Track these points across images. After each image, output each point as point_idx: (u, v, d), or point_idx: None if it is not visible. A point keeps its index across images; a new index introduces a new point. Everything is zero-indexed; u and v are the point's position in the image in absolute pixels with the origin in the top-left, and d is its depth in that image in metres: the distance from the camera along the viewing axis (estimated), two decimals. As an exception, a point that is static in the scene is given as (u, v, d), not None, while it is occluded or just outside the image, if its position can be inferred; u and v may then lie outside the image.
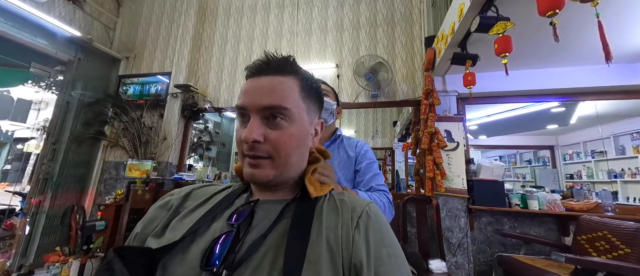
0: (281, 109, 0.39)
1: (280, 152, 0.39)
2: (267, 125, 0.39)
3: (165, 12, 3.18)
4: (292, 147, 0.40)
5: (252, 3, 3.04)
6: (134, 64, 3.11)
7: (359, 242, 0.35)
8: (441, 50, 1.90)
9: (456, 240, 2.01)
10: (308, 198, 0.41)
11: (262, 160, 0.39)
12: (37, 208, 2.51)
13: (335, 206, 0.40)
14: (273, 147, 0.39)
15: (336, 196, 0.42)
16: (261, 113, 0.39)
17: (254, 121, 0.39)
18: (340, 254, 0.34)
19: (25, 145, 4.08)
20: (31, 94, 3.34)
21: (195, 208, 0.42)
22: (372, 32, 2.66)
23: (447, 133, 2.18)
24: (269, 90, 0.40)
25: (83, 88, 2.79)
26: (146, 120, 2.78)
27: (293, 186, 0.44)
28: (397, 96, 2.46)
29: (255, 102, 0.39)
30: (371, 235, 0.36)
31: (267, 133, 0.39)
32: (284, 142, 0.39)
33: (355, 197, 0.42)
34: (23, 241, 2.42)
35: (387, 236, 0.38)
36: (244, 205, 0.41)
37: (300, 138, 0.42)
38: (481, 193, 2.06)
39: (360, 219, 0.37)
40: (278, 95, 0.39)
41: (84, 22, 2.84)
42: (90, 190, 2.82)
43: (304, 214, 0.38)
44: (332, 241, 0.35)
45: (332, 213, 0.39)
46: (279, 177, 0.40)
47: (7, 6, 2.23)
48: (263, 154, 0.39)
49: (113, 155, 2.87)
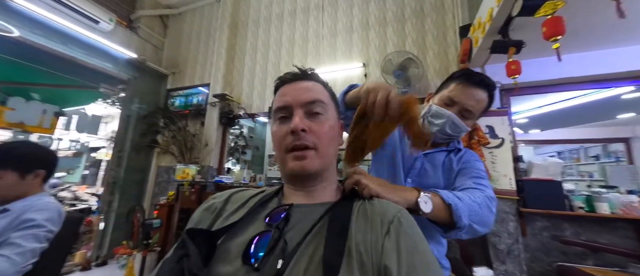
0: (320, 102, 0.45)
1: (322, 141, 0.44)
2: (308, 119, 0.44)
3: (203, 29, 3.48)
4: (330, 137, 0.45)
5: (278, 11, 3.16)
6: (179, 78, 3.47)
7: (389, 249, 0.35)
8: (478, 39, 1.75)
9: (505, 246, 1.82)
10: (345, 201, 0.43)
11: (307, 151, 0.43)
12: (108, 207, 2.95)
13: (365, 211, 0.40)
14: (316, 137, 0.43)
15: (368, 201, 0.43)
16: (304, 107, 0.44)
17: (298, 113, 0.44)
18: (370, 259, 0.34)
19: (97, 153, 4.82)
20: (101, 110, 3.93)
21: (235, 210, 0.46)
22: (399, 27, 2.56)
23: (490, 129, 1.99)
24: (307, 89, 0.46)
25: (139, 102, 3.20)
26: (190, 128, 3.07)
27: (328, 188, 0.47)
28: (430, 91, 2.33)
29: (297, 98, 0.45)
30: (402, 243, 0.35)
31: (311, 124, 0.44)
32: (325, 132, 0.44)
33: (387, 203, 0.42)
34: (98, 236, 2.86)
35: (420, 244, 0.37)
36: (278, 208, 0.43)
37: (335, 131, 0.47)
38: (534, 194, 1.83)
39: (391, 225, 0.37)
40: (315, 92, 0.46)
41: (139, 45, 3.26)
42: (148, 191, 3.21)
43: (343, 212, 0.40)
44: (361, 245, 0.35)
45: (361, 218, 0.39)
46: (321, 167, 0.44)
47: (81, 37, 2.67)
48: (308, 143, 0.43)
49: (164, 160, 3.22)
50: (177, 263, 0.34)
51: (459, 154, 0.81)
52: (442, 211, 0.57)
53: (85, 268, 2.55)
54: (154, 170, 3.24)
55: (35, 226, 0.88)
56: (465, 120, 0.76)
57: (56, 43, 2.53)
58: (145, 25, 3.39)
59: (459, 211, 0.57)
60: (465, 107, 0.75)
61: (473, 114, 0.76)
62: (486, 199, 0.66)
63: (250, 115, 3.00)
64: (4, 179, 0.91)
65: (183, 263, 0.34)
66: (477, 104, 0.75)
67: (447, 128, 0.77)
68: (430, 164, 0.80)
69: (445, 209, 0.57)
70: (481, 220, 0.61)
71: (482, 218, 0.62)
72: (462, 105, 0.75)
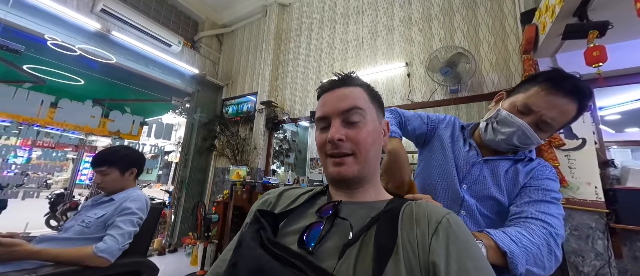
0: (357, 109, 0.46)
1: (361, 148, 0.45)
2: (346, 127, 0.46)
3: (251, 43, 3.82)
4: (369, 143, 0.46)
5: (319, 19, 3.27)
6: (232, 88, 3.87)
7: (436, 248, 0.34)
8: (546, 24, 1.51)
9: (591, 269, 1.50)
10: (394, 201, 0.45)
11: (345, 158, 0.45)
12: (178, 202, 3.44)
13: (410, 211, 0.40)
14: (354, 144, 0.45)
15: (414, 203, 0.43)
16: (341, 116, 0.46)
17: (335, 123, 0.46)
18: (416, 256, 0.35)
19: (169, 156, 5.67)
20: (172, 119, 4.64)
21: (288, 205, 0.51)
22: (447, 21, 2.38)
23: (565, 128, 1.69)
24: (344, 97, 0.47)
25: (201, 111, 3.68)
26: (241, 133, 3.39)
27: (369, 189, 0.48)
28: (485, 88, 2.10)
29: (334, 108, 0.47)
30: (452, 244, 0.35)
31: (348, 132, 0.45)
32: (363, 138, 0.45)
33: (433, 205, 0.42)
34: (170, 227, 3.36)
35: (472, 248, 0.35)
36: (327, 204, 0.47)
37: (375, 135, 0.47)
38: (632, 207, 1.48)
39: (439, 225, 0.37)
40: (352, 99, 0.47)
41: (200, 62, 3.76)
42: (208, 189, 3.65)
43: (393, 210, 0.41)
44: (407, 243, 0.36)
45: (407, 217, 0.39)
46: (361, 172, 0.45)
47: (157, 58, 3.23)
48: (347, 151, 0.45)
49: (220, 162, 3.62)
50: (256, 233, 0.40)
51: (529, 165, 0.69)
52: (496, 258, 0.51)
53: (161, 253, 3.03)
54: (212, 171, 3.67)
55: (132, 213, 1.11)
56: (539, 132, 0.64)
57: (141, 65, 3.12)
58: (205, 44, 3.90)
59: (515, 260, 0.50)
60: (544, 119, 0.62)
61: (552, 127, 0.63)
62: (550, 238, 0.56)
63: (293, 120, 3.16)
64: (111, 175, 1.17)
65: (260, 233, 0.40)
66: (561, 116, 0.62)
67: (514, 139, 0.66)
68: (490, 172, 0.70)
69: (499, 256, 0.51)
70: (541, 264, 0.54)
71: (543, 262, 0.54)
72: (540, 116, 0.62)
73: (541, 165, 0.69)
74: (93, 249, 0.99)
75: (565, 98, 0.60)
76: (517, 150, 0.71)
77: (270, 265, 0.34)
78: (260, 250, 0.37)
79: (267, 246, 0.37)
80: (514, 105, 0.67)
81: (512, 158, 0.71)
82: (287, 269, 0.33)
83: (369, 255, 0.35)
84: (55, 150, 2.52)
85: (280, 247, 0.37)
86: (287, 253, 0.36)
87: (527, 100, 0.64)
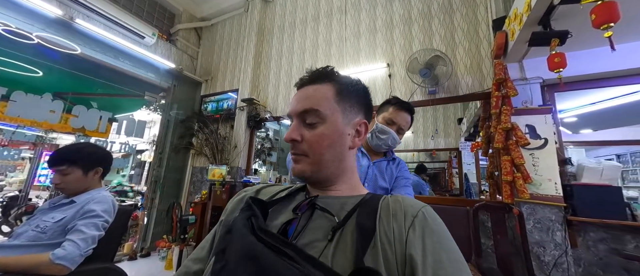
0: (313, 111, 0.46)
1: (313, 150, 0.45)
2: (304, 127, 0.46)
3: (232, 38, 3.70)
4: (324, 145, 0.45)
5: (302, 16, 3.24)
6: (211, 85, 3.72)
7: (413, 241, 0.35)
8: (515, 31, 1.62)
9: (551, 258, 1.64)
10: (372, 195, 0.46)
11: (300, 157, 0.46)
12: (151, 203, 3.25)
13: (387, 206, 0.41)
14: (308, 146, 0.45)
15: (390, 197, 0.44)
16: (299, 117, 0.47)
17: (293, 124, 0.47)
18: (393, 249, 0.35)
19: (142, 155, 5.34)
20: (145, 116, 4.36)
21: (270, 198, 0.50)
22: (426, 24, 2.47)
23: (530, 129, 1.82)
24: (304, 97, 0.47)
25: (177, 108, 3.49)
26: (221, 131, 3.26)
27: (341, 186, 0.48)
28: (460, 90, 2.20)
29: (294, 108, 0.48)
30: (428, 237, 0.36)
31: (304, 133, 0.46)
32: (316, 140, 0.45)
33: (410, 199, 0.43)
34: (142, 230, 3.16)
35: (446, 241, 0.37)
36: (304, 201, 0.47)
37: (333, 138, 0.46)
38: (586, 201, 1.63)
39: (415, 219, 0.37)
40: (311, 100, 0.46)
41: (177, 56, 3.57)
42: (184, 190, 3.48)
43: (371, 201, 0.42)
44: (384, 236, 0.36)
45: (384, 211, 0.40)
46: (315, 173, 0.46)
47: (129, 50, 3.01)
48: (300, 152, 0.46)
49: (198, 161, 3.46)
50: (247, 220, 0.40)
51: (395, 162, 1.08)
52: None
53: (132, 258, 2.84)
54: (189, 170, 3.50)
55: (96, 216, 1.02)
56: (399, 136, 1.04)
57: (110, 57, 2.89)
58: (182, 37, 3.71)
59: None
60: (400, 126, 1.03)
61: (403, 131, 1.05)
62: None
63: (275, 118, 3.10)
64: (72, 174, 1.07)
65: (252, 220, 0.40)
66: (407, 124, 1.05)
67: (389, 142, 1.02)
68: (378, 170, 1.03)
69: None
70: None
71: None
72: (398, 125, 1.02)
73: (402, 163, 1.08)
74: (50, 256, 0.89)
75: (406, 113, 1.04)
76: (388, 150, 1.07)
77: (265, 253, 0.34)
78: (252, 237, 0.36)
79: (258, 234, 0.37)
80: (384, 119, 1.03)
81: (386, 159, 1.06)
82: (280, 258, 0.33)
83: (349, 242, 0.37)
84: (7, 148, 2.27)
85: (272, 236, 0.37)
86: (279, 241, 0.35)
87: (390, 116, 1.03)
